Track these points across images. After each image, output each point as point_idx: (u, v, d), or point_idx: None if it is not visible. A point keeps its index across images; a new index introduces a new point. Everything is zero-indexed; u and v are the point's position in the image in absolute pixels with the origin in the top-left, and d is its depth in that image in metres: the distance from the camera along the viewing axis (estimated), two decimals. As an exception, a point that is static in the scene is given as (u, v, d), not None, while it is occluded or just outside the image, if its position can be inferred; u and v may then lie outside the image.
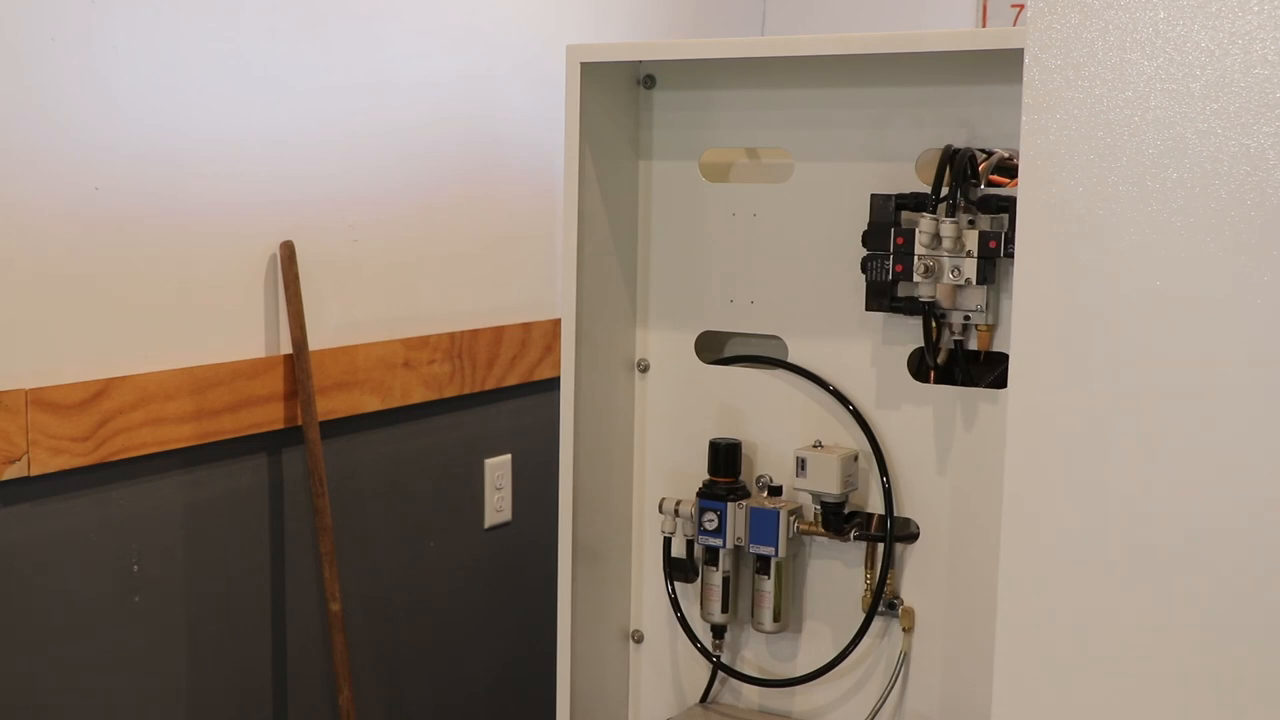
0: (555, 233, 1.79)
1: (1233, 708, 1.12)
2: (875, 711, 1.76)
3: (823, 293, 1.76)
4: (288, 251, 2.00)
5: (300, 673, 2.10)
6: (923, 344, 1.67)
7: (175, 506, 1.89)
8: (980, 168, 1.63)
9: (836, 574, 1.79)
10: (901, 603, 1.74)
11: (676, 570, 1.83)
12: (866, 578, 1.75)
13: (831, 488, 1.71)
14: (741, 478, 1.79)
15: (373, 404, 2.16)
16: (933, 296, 1.64)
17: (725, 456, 1.78)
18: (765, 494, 1.80)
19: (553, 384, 2.30)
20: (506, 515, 2.48)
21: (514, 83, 2.41)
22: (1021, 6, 2.86)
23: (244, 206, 1.96)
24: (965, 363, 1.68)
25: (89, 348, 1.76)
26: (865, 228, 1.67)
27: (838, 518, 1.73)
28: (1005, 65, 1.43)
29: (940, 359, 1.69)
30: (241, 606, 2.01)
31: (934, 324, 1.66)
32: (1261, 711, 1.11)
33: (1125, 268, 1.12)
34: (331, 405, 2.08)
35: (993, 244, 1.60)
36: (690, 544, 1.82)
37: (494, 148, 2.38)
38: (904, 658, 1.74)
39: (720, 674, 1.86)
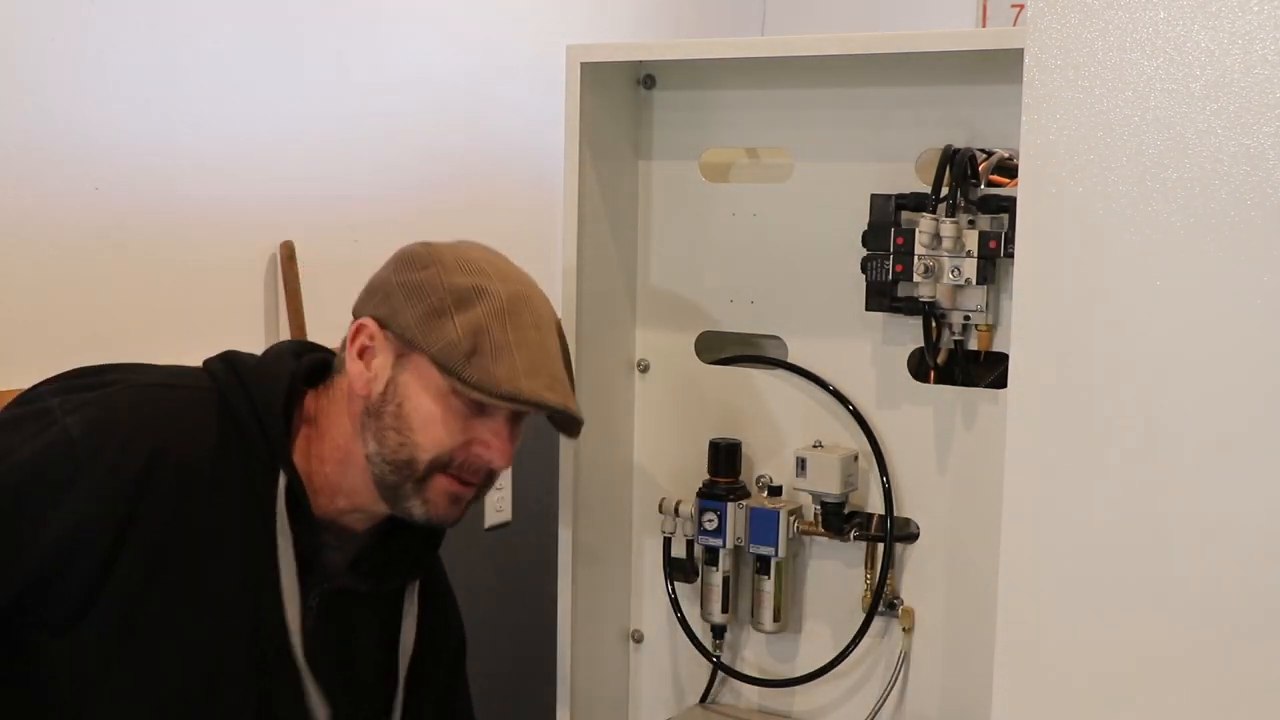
0: (555, 233, 1.79)
1: (1234, 707, 1.12)
2: (875, 711, 1.76)
3: (823, 293, 1.76)
4: (288, 251, 2.00)
5: (300, 673, 2.10)
6: (923, 344, 1.67)
7: (175, 506, 1.89)
8: (980, 168, 1.63)
9: (836, 574, 1.79)
10: (901, 603, 1.74)
11: (676, 570, 1.83)
12: (866, 578, 1.75)
13: (831, 488, 1.71)
14: (741, 478, 1.79)
15: (373, 404, 2.16)
16: (933, 296, 1.64)
17: (725, 456, 1.78)
18: (765, 494, 1.80)
19: (553, 384, 2.30)
20: (506, 515, 2.48)
21: (514, 83, 2.41)
22: (1021, 6, 2.86)
23: (244, 206, 1.96)
24: (965, 363, 1.67)
25: (89, 347, 1.76)
26: (865, 228, 1.67)
27: (838, 518, 1.73)
28: (1005, 65, 1.43)
29: (940, 359, 1.68)
30: (241, 606, 2.01)
31: (934, 324, 1.66)
32: (1262, 711, 1.11)
33: (1125, 268, 1.12)
34: (331, 405, 2.08)
35: (993, 244, 1.60)
36: (690, 544, 1.82)
37: (494, 148, 2.38)
38: (904, 658, 1.74)
39: (720, 674, 1.86)
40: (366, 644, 1.53)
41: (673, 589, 1.85)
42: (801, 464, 1.72)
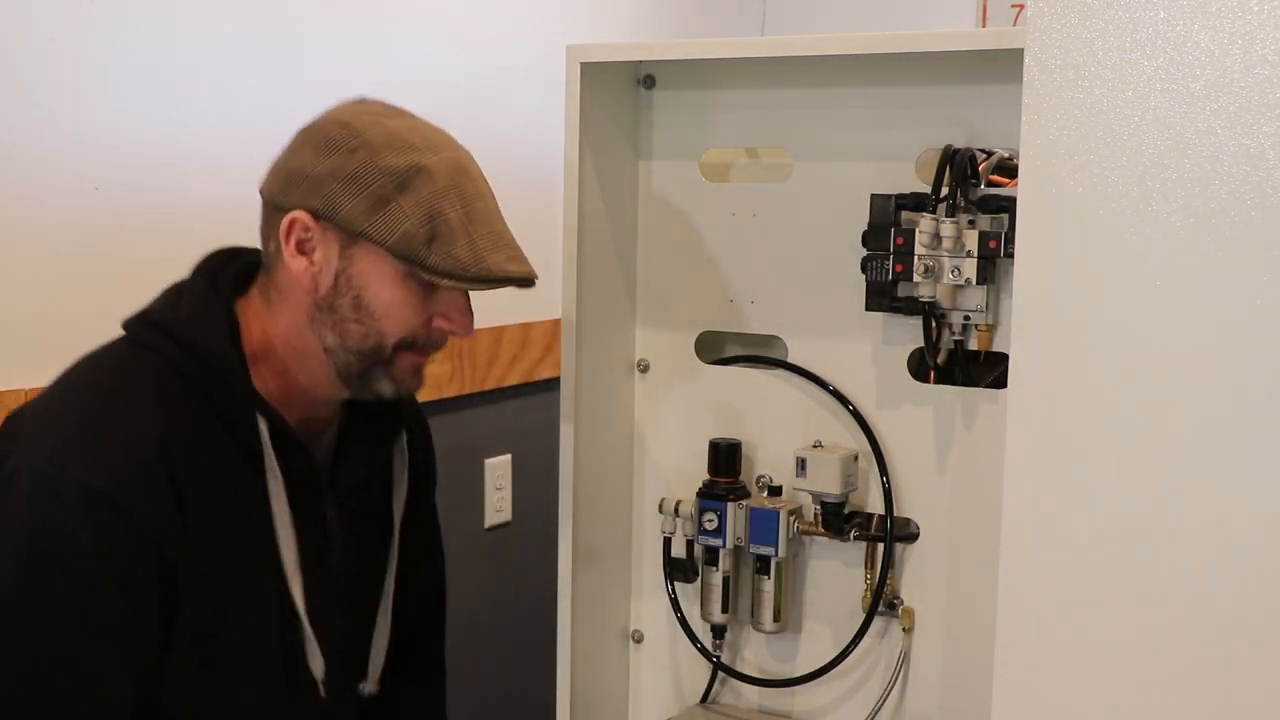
0: (555, 232, 1.79)
1: (1234, 708, 1.12)
2: (875, 711, 1.76)
3: (823, 293, 1.76)
4: (288, 251, 2.00)
5: (300, 673, 2.10)
6: (923, 344, 1.67)
7: (175, 506, 1.89)
8: (980, 168, 1.63)
9: (836, 574, 1.79)
10: (901, 603, 1.74)
11: (676, 570, 1.83)
12: (866, 578, 1.75)
13: (831, 488, 1.71)
14: (741, 478, 1.79)
15: (373, 404, 2.16)
16: (933, 296, 1.64)
17: (725, 456, 1.78)
18: (765, 494, 1.80)
19: (553, 384, 2.30)
20: (506, 515, 2.48)
21: (514, 83, 2.41)
22: (1021, 6, 2.86)
23: (244, 206, 1.95)
24: (965, 363, 1.67)
25: (89, 348, 1.76)
26: (865, 228, 1.67)
27: (838, 518, 1.73)
28: (1005, 65, 1.43)
29: (940, 359, 1.68)
30: (241, 606, 2.01)
31: (934, 324, 1.66)
32: (1263, 712, 1.11)
33: (1125, 268, 1.12)
34: (331, 405, 2.08)
35: (993, 244, 1.60)
36: (690, 544, 1.82)
37: (494, 148, 2.37)
38: (904, 658, 1.74)
39: (720, 674, 1.86)
40: (376, 517, 1.55)
41: (673, 589, 1.85)
42: (801, 464, 1.72)
